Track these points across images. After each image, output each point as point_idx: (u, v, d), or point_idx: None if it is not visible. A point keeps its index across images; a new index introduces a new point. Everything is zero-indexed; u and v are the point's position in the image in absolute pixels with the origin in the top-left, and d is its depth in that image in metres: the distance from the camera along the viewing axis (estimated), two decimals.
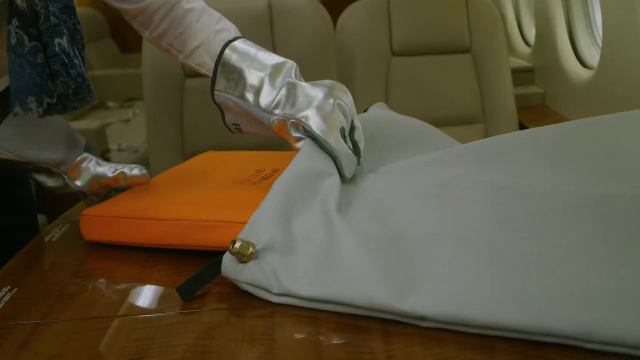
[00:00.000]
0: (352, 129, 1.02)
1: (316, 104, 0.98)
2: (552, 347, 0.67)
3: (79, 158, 1.09)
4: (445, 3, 2.51)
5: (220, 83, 1.05)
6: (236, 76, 1.04)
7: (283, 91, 1.01)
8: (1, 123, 0.93)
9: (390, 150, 1.13)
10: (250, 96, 1.03)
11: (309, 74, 2.23)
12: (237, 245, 0.80)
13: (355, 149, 1.01)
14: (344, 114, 1.00)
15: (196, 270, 0.84)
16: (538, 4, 2.80)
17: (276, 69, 1.03)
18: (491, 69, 2.44)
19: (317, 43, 2.24)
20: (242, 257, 0.80)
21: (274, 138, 1.08)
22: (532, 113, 2.66)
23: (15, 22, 0.93)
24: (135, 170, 1.10)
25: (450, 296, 0.72)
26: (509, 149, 1.02)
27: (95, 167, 1.09)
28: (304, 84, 1.02)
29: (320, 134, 0.97)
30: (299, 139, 1.00)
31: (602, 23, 2.14)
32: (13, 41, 0.93)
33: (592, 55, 2.45)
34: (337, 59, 2.35)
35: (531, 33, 3.13)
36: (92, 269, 0.98)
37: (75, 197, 1.17)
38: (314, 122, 0.97)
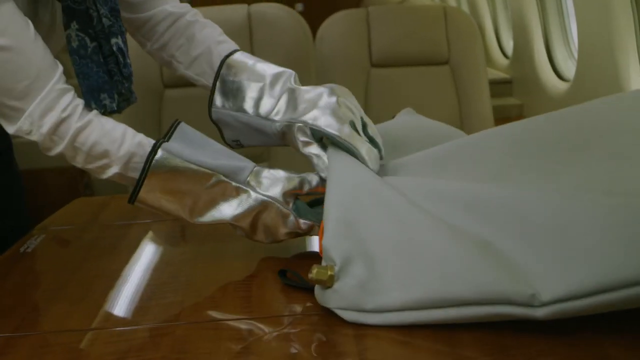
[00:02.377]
0: (364, 125, 1.00)
1: (321, 104, 0.96)
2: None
3: (254, 166, 0.97)
4: (424, 15, 2.53)
5: (218, 100, 1.05)
6: (235, 90, 1.04)
7: (284, 98, 1.01)
8: (171, 139, 0.92)
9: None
10: (249, 108, 1.02)
11: None
12: (314, 272, 0.77)
13: (373, 144, 0.98)
14: (351, 111, 0.98)
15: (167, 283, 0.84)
16: (516, 16, 2.83)
17: (275, 78, 1.03)
18: (469, 80, 2.46)
19: (296, 54, 2.24)
20: (325, 283, 0.77)
21: (263, 147, 1.07)
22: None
23: (74, 25, 0.95)
24: (316, 179, 0.97)
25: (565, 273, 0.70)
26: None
27: (277, 173, 0.96)
28: (303, 88, 1.01)
29: (332, 131, 0.94)
30: (307, 143, 0.97)
31: (577, 36, 2.17)
32: (75, 44, 0.96)
33: (569, 68, 2.48)
34: (316, 70, 2.36)
35: (509, 45, 3.16)
36: (66, 281, 0.96)
37: (53, 207, 1.16)
38: (323, 121, 0.95)
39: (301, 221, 0.93)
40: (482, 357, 0.69)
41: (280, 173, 0.95)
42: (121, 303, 0.87)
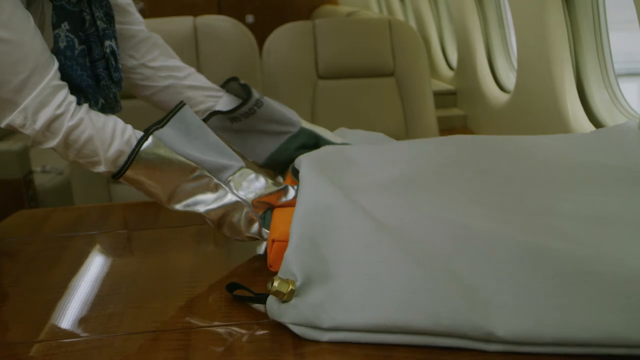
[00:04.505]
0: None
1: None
2: None
3: (240, 167, 1.02)
4: (370, 28, 2.57)
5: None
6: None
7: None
8: (166, 125, 0.96)
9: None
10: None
11: None
12: (276, 284, 0.76)
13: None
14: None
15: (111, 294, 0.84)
16: (459, 29, 2.90)
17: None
18: (414, 91, 2.50)
19: (242, 66, 2.26)
20: (283, 297, 0.76)
21: None
22: (455, 135, 2.74)
23: (65, 25, 0.95)
24: (293, 193, 1.02)
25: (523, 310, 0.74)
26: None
27: (258, 179, 1.02)
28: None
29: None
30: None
31: (516, 50, 2.23)
32: (62, 45, 0.96)
33: (510, 80, 2.55)
34: (263, 81, 2.37)
35: (454, 57, 3.23)
36: (6, 294, 0.96)
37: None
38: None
39: (264, 230, 0.98)
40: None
41: (262, 181, 1.01)
42: (61, 315, 0.87)
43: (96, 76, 0.99)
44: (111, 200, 2.04)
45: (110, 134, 0.94)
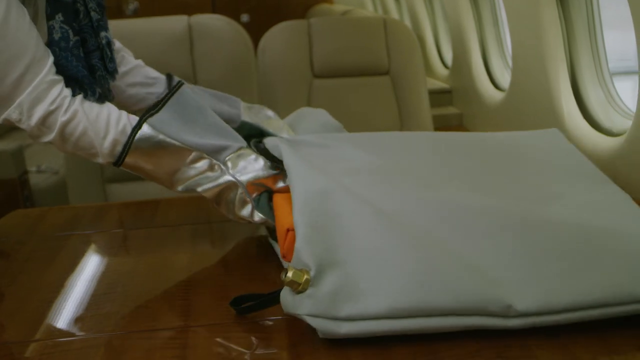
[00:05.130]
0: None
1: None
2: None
3: (238, 147, 1.00)
4: (365, 26, 2.57)
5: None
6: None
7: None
8: (161, 110, 0.97)
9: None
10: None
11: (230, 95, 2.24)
12: (290, 274, 0.74)
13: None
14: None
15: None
16: (454, 28, 2.90)
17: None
18: (409, 90, 2.51)
19: (237, 65, 2.25)
20: (298, 287, 0.74)
21: None
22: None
23: (59, 17, 0.96)
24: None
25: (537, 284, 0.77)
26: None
27: (257, 161, 1.00)
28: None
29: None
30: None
31: (511, 48, 2.23)
32: (57, 36, 0.96)
33: (505, 78, 2.55)
34: (258, 81, 2.37)
35: (449, 56, 3.24)
36: (2, 294, 0.96)
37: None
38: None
39: (256, 213, 0.98)
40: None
41: (260, 162, 1.00)
42: (57, 314, 0.87)
43: (91, 67, 0.99)
44: (107, 199, 2.03)
45: (105, 125, 0.94)
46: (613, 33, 1.83)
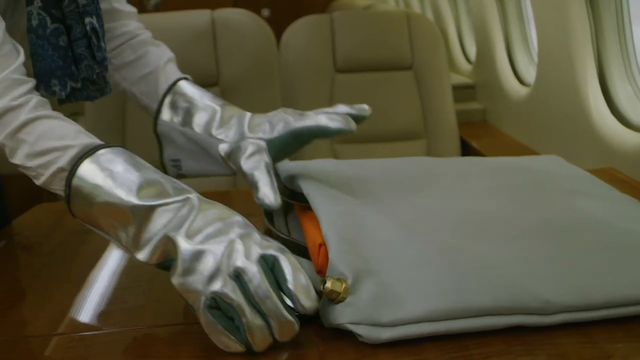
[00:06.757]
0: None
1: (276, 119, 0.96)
2: None
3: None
4: (388, 21, 2.55)
5: (166, 114, 1.04)
6: (187, 105, 1.03)
7: (234, 120, 1.00)
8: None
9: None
10: (198, 126, 1.01)
11: (253, 90, 2.25)
12: (328, 284, 0.72)
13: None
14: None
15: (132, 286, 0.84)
16: (477, 23, 2.87)
17: (227, 103, 1.03)
18: (432, 85, 2.49)
19: (260, 59, 2.25)
20: (338, 296, 0.72)
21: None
22: (474, 129, 2.72)
23: (38, 2, 0.91)
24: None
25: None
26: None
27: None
28: (255, 115, 1.01)
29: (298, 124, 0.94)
30: (252, 155, 0.94)
31: (537, 43, 2.20)
32: (34, 23, 0.91)
33: (529, 73, 2.53)
34: (281, 75, 2.37)
35: (473, 51, 3.21)
36: (26, 287, 0.96)
37: (15, 213, 1.15)
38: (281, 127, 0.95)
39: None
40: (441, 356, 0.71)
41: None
42: (82, 308, 0.87)
43: (77, 56, 0.95)
44: None
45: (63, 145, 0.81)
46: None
